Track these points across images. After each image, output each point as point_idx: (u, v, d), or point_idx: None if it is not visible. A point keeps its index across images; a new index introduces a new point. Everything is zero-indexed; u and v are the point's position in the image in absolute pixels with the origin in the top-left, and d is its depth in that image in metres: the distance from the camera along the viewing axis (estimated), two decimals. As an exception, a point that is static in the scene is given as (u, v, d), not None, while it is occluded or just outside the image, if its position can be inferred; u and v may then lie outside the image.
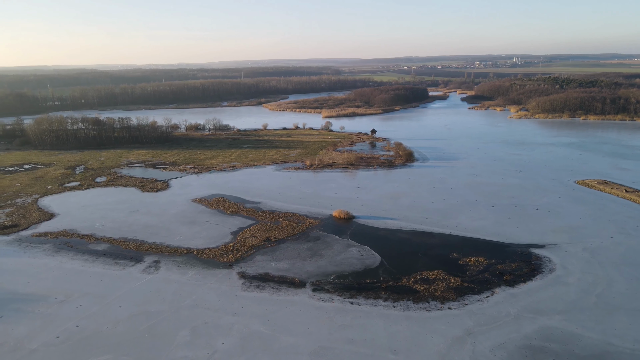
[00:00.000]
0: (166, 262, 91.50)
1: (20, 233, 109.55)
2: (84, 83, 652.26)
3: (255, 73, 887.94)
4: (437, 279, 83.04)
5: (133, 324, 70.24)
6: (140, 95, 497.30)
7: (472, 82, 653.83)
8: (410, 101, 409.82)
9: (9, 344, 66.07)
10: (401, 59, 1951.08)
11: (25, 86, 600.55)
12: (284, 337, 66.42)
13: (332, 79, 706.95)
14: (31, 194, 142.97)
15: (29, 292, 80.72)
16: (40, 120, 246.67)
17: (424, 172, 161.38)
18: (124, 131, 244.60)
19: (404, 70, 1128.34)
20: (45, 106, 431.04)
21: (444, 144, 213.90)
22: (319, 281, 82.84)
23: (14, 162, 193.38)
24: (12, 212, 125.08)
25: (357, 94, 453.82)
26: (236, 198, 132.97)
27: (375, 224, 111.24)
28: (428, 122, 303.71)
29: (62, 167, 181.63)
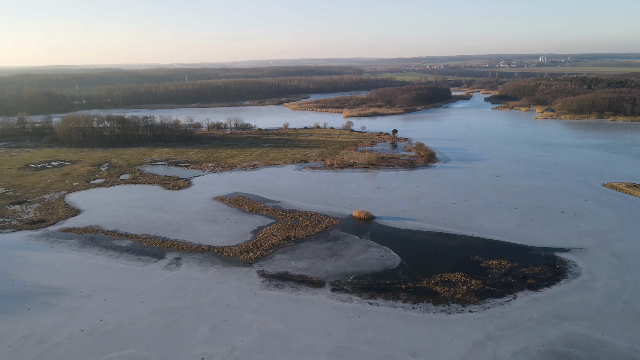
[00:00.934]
0: (187, 259, 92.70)
1: (47, 228, 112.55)
2: (109, 82, 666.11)
3: (276, 72, 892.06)
4: (457, 281, 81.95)
5: (155, 320, 71.39)
6: (163, 94, 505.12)
7: (496, 82, 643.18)
8: (432, 101, 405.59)
9: (35, 336, 67.94)
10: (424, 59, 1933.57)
11: (54, 85, 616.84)
12: (302, 336, 66.52)
13: (354, 79, 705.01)
14: (58, 190, 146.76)
15: (56, 286, 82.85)
16: (67, 119, 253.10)
17: (445, 172, 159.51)
18: (148, 129, 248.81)
19: (426, 70, 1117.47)
20: (73, 105, 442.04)
21: (467, 145, 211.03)
22: (338, 281, 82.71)
23: (43, 159, 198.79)
24: (41, 208, 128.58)
25: (378, 93, 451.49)
26: (256, 197, 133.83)
27: (395, 224, 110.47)
28: (450, 122, 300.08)
29: (88, 164, 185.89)
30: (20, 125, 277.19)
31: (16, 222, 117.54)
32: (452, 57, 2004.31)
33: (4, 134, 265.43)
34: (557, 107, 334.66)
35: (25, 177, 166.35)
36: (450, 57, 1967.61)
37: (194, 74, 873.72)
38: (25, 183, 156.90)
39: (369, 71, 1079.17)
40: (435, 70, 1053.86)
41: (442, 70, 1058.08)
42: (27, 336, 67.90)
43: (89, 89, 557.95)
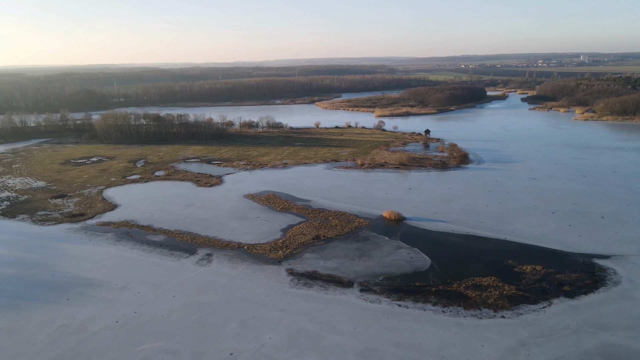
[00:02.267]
0: (218, 256, 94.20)
1: (86, 222, 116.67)
2: (146, 81, 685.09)
3: (309, 71, 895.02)
4: (490, 285, 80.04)
5: (185, 314, 72.88)
6: (198, 93, 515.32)
7: (534, 82, 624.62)
8: (466, 101, 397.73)
9: (73, 325, 70.54)
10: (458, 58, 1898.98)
11: (94, 83, 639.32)
12: (330, 335, 66.48)
13: (386, 78, 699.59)
14: (97, 185, 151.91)
15: (93, 278, 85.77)
16: (106, 116, 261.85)
17: (479, 174, 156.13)
18: (182, 127, 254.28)
19: (461, 69, 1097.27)
20: (111, 102, 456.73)
21: (502, 146, 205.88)
22: (367, 282, 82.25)
23: (83, 155, 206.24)
24: (80, 202, 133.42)
25: (411, 93, 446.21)
26: (287, 195, 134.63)
27: (426, 226, 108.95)
28: (485, 123, 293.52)
29: (125, 160, 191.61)
30: (62, 122, 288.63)
31: (57, 215, 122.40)
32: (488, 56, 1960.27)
33: (47, 130, 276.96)
34: (599, 108, 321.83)
35: (66, 172, 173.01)
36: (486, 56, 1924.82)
37: (227, 72, 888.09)
38: (66, 178, 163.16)
39: (401, 70, 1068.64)
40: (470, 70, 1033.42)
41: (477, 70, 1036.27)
42: (66, 325, 70.57)
43: (127, 87, 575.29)
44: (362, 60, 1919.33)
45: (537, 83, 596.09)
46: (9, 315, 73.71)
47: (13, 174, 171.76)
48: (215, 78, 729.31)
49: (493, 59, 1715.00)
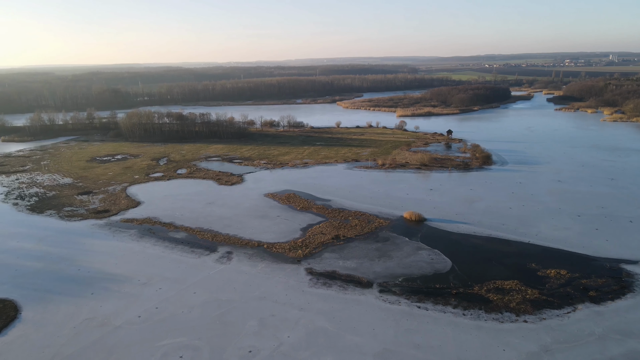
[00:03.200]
0: (238, 254, 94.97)
1: (110, 218, 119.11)
2: (170, 80, 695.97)
3: (330, 71, 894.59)
4: (512, 289, 78.59)
5: (206, 310, 73.71)
6: (220, 92, 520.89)
7: (560, 82, 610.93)
8: (490, 101, 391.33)
9: (97, 319, 72.13)
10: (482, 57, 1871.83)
11: (119, 82, 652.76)
12: (348, 335, 66.31)
13: (408, 78, 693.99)
14: (121, 182, 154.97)
15: (116, 273, 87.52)
16: (131, 114, 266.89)
17: (502, 176, 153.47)
18: (204, 126, 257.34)
19: (485, 69, 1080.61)
20: (136, 101, 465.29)
21: (526, 147, 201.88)
22: (386, 282, 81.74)
23: (108, 153, 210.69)
24: (105, 199, 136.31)
25: (433, 93, 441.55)
26: (307, 195, 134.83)
27: (447, 227, 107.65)
28: (509, 123, 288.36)
29: (148, 158, 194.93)
30: (89, 120, 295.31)
31: (83, 211, 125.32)
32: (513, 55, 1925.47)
33: (74, 128, 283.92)
34: (629, 109, 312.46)
35: (92, 169, 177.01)
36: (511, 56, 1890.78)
37: (249, 72, 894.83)
38: (92, 175, 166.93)
39: (424, 70, 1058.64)
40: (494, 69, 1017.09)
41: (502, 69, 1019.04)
42: (90, 319, 72.20)
43: (151, 86, 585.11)
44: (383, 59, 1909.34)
45: (564, 83, 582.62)
46: (37, 308, 75.84)
47: (42, 170, 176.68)
48: (237, 77, 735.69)
49: (518, 59, 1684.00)
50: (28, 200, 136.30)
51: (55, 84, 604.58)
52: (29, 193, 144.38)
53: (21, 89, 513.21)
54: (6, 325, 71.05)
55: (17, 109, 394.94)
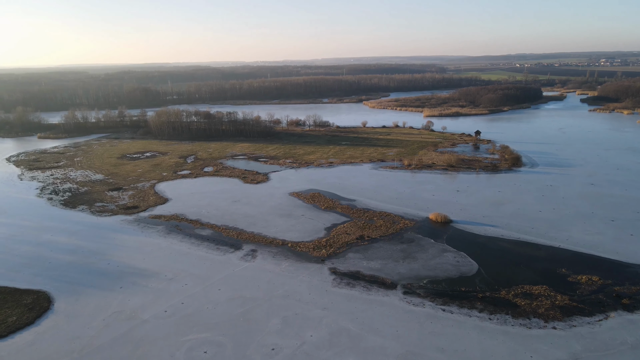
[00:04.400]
0: (262, 252, 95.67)
1: (139, 214, 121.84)
2: (198, 79, 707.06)
3: (357, 70, 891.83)
4: (541, 294, 76.60)
5: (230, 307, 74.54)
6: (247, 91, 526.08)
7: (595, 82, 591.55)
8: (520, 102, 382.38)
9: (125, 312, 73.90)
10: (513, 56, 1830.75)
11: (150, 81, 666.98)
12: (371, 337, 65.93)
13: (436, 77, 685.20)
14: (150, 179, 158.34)
15: (144, 268, 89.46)
16: (160, 113, 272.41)
17: (531, 178, 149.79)
18: (231, 125, 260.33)
19: (515, 69, 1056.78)
20: (165, 100, 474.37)
21: (557, 149, 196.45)
22: (410, 284, 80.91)
23: (137, 150, 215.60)
24: (134, 195, 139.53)
25: (462, 93, 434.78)
26: (332, 194, 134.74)
27: (474, 229, 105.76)
28: (540, 124, 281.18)
29: (176, 156, 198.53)
30: (120, 118, 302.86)
31: (113, 207, 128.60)
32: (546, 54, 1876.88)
33: (106, 125, 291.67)
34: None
35: (122, 165, 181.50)
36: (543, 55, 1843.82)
37: (276, 71, 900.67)
38: (122, 171, 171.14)
39: (452, 70, 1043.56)
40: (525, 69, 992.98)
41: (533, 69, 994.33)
42: (119, 312, 74.04)
43: (180, 85, 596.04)
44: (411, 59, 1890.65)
45: (599, 83, 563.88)
46: (68, 300, 78.27)
47: (75, 166, 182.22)
48: (264, 76, 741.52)
49: (551, 58, 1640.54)
50: (62, 196, 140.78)
51: (88, 82, 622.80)
52: (62, 188, 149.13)
53: (56, 87, 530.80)
54: (39, 316, 73.59)
55: (53, 106, 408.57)
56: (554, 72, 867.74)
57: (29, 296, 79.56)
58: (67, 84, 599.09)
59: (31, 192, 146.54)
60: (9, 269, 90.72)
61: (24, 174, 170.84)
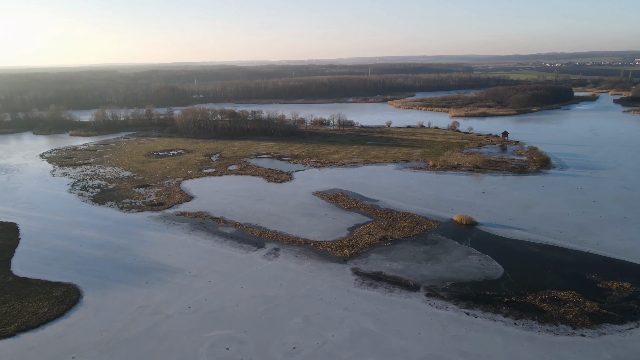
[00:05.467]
0: (285, 251, 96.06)
1: (165, 211, 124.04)
2: (224, 78, 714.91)
3: (382, 70, 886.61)
4: (569, 300, 74.53)
5: (252, 305, 75.11)
6: (272, 90, 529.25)
7: (629, 82, 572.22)
8: (550, 102, 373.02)
9: (150, 307, 75.34)
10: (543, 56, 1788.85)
11: (177, 80, 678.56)
12: (393, 338, 65.40)
13: (463, 77, 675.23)
14: (175, 177, 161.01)
15: (169, 264, 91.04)
16: (186, 111, 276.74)
17: (561, 180, 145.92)
18: (255, 123, 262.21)
19: (545, 68, 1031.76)
20: (192, 99, 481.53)
21: (588, 151, 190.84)
22: (433, 286, 79.92)
23: (164, 148, 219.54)
24: (160, 192, 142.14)
25: (489, 92, 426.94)
26: (355, 194, 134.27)
27: (499, 232, 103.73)
28: (570, 125, 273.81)
29: (201, 154, 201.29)
30: (148, 117, 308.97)
31: (140, 203, 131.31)
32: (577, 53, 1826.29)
33: (134, 124, 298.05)
34: None
35: (149, 163, 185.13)
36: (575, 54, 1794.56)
37: (300, 70, 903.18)
38: (149, 169, 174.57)
39: (480, 69, 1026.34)
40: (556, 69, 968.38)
41: (564, 69, 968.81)
42: (144, 307, 75.54)
43: (206, 84, 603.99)
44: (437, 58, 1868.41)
45: (633, 83, 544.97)
46: (96, 293, 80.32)
47: (104, 163, 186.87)
48: (289, 76, 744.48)
49: (583, 57, 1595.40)
50: (91, 192, 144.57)
51: (118, 81, 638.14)
52: (92, 185, 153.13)
53: (88, 86, 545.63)
54: (69, 308, 75.75)
55: (84, 105, 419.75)
56: (586, 71, 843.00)
57: (60, 289, 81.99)
58: (98, 82, 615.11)
59: (62, 187, 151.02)
60: (41, 262, 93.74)
61: (56, 170, 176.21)
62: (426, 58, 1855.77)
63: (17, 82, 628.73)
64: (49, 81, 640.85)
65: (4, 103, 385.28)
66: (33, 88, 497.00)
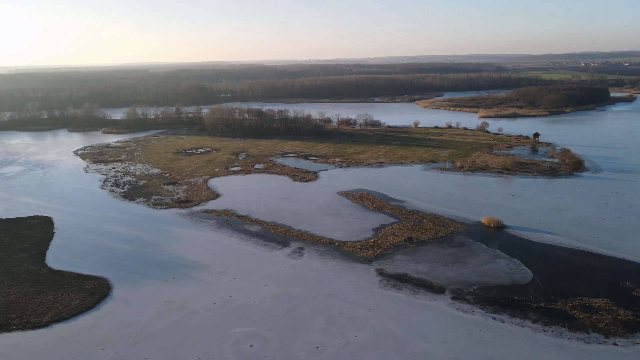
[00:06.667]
0: (309, 250, 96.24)
1: (192, 208, 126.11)
2: (251, 77, 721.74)
3: (410, 69, 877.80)
4: (601, 308, 72.10)
5: (276, 303, 75.57)
6: (299, 89, 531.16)
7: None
8: (585, 103, 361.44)
9: (177, 302, 76.74)
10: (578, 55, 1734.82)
11: (206, 79, 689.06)
12: (417, 341, 64.67)
13: (493, 77, 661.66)
14: (203, 174, 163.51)
15: (195, 260, 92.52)
16: (214, 110, 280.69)
17: (594, 184, 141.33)
18: (282, 122, 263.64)
19: (580, 68, 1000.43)
20: (219, 97, 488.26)
21: (625, 154, 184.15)
22: (459, 290, 78.63)
23: (192, 146, 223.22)
24: (188, 190, 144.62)
25: (520, 93, 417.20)
26: (381, 194, 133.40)
27: (529, 236, 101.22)
28: (605, 127, 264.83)
29: (228, 152, 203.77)
30: (177, 115, 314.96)
31: (168, 200, 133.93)
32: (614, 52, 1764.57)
33: (164, 122, 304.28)
34: None
35: (177, 161, 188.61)
36: (612, 53, 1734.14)
37: (328, 69, 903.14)
38: (177, 166, 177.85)
39: (511, 69, 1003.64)
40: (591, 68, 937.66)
41: (600, 68, 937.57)
42: (171, 302, 77.00)
43: (234, 83, 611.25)
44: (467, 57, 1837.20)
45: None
46: (126, 287, 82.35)
47: (134, 160, 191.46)
48: (316, 75, 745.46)
49: (620, 57, 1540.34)
50: (122, 188, 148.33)
51: (149, 80, 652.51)
52: (122, 181, 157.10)
53: (120, 85, 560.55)
54: (99, 301, 77.93)
55: (116, 103, 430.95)
56: (623, 71, 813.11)
57: (91, 282, 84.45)
58: (130, 81, 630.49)
59: (95, 183, 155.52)
60: (74, 255, 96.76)
61: (89, 167, 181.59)
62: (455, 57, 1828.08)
63: (54, 80, 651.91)
64: (84, 80, 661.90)
65: (41, 101, 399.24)
66: (69, 86, 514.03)
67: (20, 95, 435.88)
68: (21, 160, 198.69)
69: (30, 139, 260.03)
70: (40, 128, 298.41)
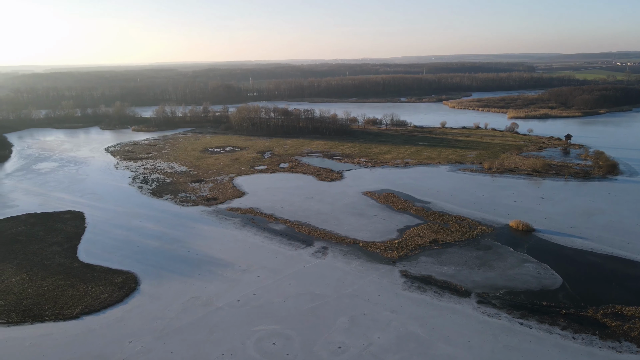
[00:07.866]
0: (333, 250, 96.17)
1: (218, 206, 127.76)
2: (278, 76, 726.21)
3: (437, 69, 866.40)
4: (635, 317, 69.57)
5: (299, 302, 75.80)
6: (325, 89, 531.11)
7: None
8: (620, 104, 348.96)
9: (202, 298, 77.91)
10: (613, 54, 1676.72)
11: (232, 78, 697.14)
12: (441, 344, 63.80)
13: (524, 76, 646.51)
14: (228, 173, 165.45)
15: (220, 258, 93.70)
16: (241, 109, 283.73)
17: (629, 188, 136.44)
18: (307, 122, 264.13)
19: (616, 67, 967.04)
20: (246, 96, 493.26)
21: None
22: (485, 293, 77.18)
23: (218, 144, 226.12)
24: (214, 187, 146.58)
25: (552, 93, 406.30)
26: (406, 195, 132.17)
27: (559, 240, 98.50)
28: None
29: (254, 151, 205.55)
30: (204, 114, 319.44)
31: (195, 197, 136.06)
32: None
33: (191, 120, 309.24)
34: None
35: (204, 159, 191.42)
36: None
37: (354, 69, 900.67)
38: (204, 164, 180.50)
39: (542, 68, 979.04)
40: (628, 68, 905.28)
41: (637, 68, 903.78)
42: (196, 297, 78.23)
43: (260, 82, 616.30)
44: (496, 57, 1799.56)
45: None
46: (152, 282, 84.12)
47: (162, 158, 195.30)
48: (343, 74, 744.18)
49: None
50: (150, 185, 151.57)
51: (177, 79, 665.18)
52: (151, 178, 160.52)
53: (149, 83, 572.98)
54: (127, 295, 79.84)
55: (146, 101, 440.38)
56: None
57: (120, 276, 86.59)
58: (158, 80, 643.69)
59: (125, 180, 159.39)
60: (104, 250, 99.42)
61: (119, 164, 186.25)
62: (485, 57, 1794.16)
63: (87, 79, 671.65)
64: (115, 79, 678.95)
65: (75, 99, 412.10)
66: (101, 85, 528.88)
67: (55, 94, 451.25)
68: (55, 156, 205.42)
69: (64, 136, 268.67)
70: (74, 125, 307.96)
